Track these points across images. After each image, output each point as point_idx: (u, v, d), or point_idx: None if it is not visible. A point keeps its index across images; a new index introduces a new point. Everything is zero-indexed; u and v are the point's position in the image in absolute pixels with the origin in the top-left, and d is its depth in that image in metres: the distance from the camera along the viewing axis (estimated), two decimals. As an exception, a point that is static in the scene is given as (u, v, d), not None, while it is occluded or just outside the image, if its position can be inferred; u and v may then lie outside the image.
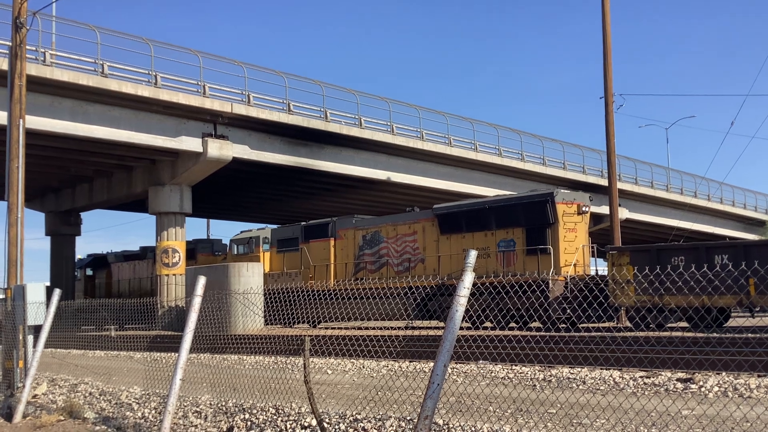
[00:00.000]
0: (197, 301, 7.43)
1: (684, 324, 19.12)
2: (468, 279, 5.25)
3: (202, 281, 7.58)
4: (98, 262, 41.88)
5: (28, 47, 23.45)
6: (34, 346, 9.77)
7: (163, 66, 27.21)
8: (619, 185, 35.60)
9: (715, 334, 12.51)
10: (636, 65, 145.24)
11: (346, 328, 22.69)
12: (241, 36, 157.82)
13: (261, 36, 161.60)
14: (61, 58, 24.82)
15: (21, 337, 10.58)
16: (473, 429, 5.97)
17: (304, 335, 6.35)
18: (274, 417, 7.24)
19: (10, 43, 11.65)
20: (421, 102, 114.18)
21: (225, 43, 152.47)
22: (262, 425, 7.06)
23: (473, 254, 5.32)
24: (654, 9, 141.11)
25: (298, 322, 26.26)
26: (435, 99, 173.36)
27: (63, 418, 8.47)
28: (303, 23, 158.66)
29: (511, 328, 21.03)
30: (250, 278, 26.25)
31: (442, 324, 22.27)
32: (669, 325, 18.92)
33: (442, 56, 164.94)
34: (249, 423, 7.23)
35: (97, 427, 7.93)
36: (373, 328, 21.26)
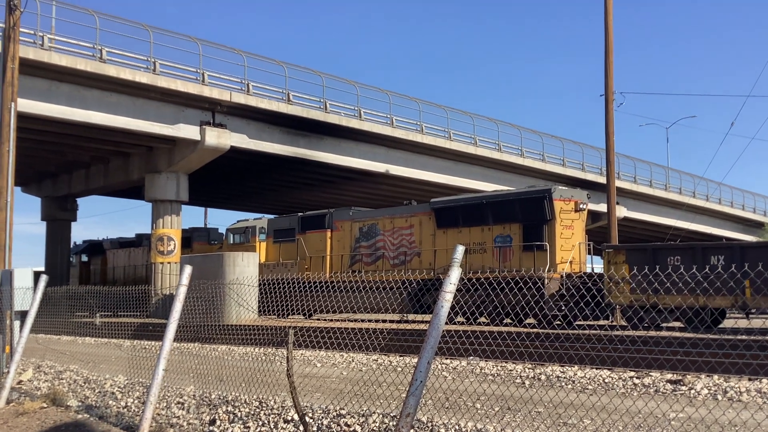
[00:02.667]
0: (182, 291, 7.32)
1: (679, 324, 19.04)
2: (454, 275, 5.13)
3: (187, 271, 7.47)
4: (94, 248, 41.79)
5: (26, 31, 23.47)
6: (20, 331, 9.68)
7: (162, 53, 27.08)
8: (618, 183, 35.52)
9: (706, 335, 12.43)
10: (638, 64, 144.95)
11: (340, 321, 22.62)
12: (241, 24, 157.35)
13: (261, 25, 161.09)
14: (60, 43, 24.69)
15: (8, 323, 10.50)
16: (457, 427, 5.87)
17: (288, 327, 6.24)
18: (258, 410, 7.14)
19: (4, 26, 11.50)
20: (421, 95, 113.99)
21: (225, 31, 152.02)
22: (245, 418, 6.96)
23: (460, 250, 5.21)
24: (657, 7, 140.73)
25: (293, 313, 26.20)
26: (435, 93, 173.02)
27: (46, 405, 8.38)
28: (303, 13, 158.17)
29: (506, 325, 20.95)
30: (245, 268, 26.13)
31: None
32: (664, 324, 18.85)
33: (443, 50, 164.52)
34: (232, 416, 7.13)
35: (80, 416, 7.84)
36: (369, 321, 21.16)
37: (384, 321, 20.73)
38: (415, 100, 34.48)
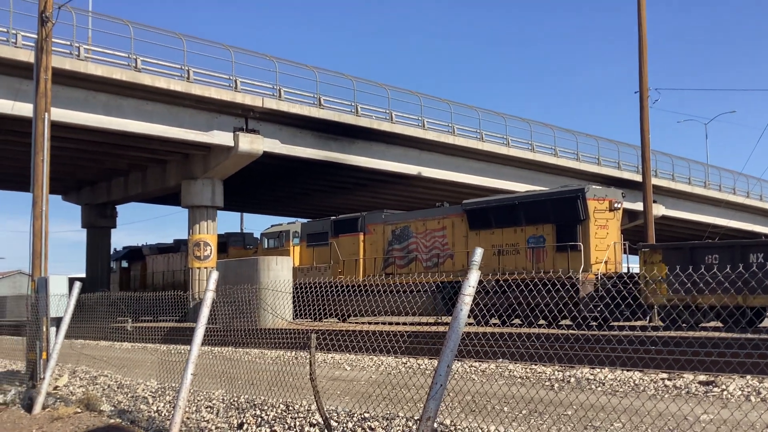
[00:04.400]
0: (209, 296, 7.45)
1: (717, 324, 18.66)
2: (473, 277, 5.11)
3: (214, 276, 7.60)
4: (133, 254, 42.46)
5: (63, 42, 24.01)
6: (55, 337, 9.89)
7: (196, 61, 27.46)
8: (656, 181, 34.98)
9: (740, 335, 12.15)
10: (676, 60, 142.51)
11: (373, 323, 22.64)
12: (272, 30, 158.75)
13: (292, 30, 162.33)
14: (96, 53, 25.19)
15: (44, 329, 10.73)
16: (479, 431, 5.84)
17: (310, 332, 6.28)
18: (284, 414, 7.20)
19: (37, 37, 11.78)
20: (452, 97, 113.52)
21: (255, 37, 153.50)
22: (272, 422, 7.02)
23: (479, 252, 5.20)
24: (692, 1, 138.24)
25: (328, 317, 26.30)
26: (467, 94, 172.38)
27: (80, 411, 8.56)
28: (334, 18, 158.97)
29: (540, 326, 20.75)
30: (279, 272, 26.28)
31: (470, 320, 22.05)
32: (702, 325, 18.50)
33: (474, 51, 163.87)
34: (259, 419, 7.20)
35: (112, 420, 7.99)
36: (404, 324, 21.14)
37: (420, 324, 20.69)
38: (446, 102, 34.41)
